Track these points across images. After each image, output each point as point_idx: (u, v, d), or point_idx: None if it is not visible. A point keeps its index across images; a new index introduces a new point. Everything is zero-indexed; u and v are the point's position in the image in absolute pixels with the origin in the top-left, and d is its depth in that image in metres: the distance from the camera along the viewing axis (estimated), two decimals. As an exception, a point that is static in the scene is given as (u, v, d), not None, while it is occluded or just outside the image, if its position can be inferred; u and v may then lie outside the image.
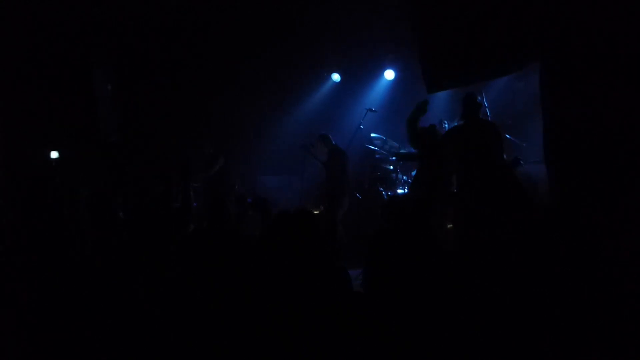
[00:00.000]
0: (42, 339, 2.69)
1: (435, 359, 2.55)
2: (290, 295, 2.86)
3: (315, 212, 8.85)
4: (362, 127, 9.57)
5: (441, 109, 10.22)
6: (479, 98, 6.53)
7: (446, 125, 9.05)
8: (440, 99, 10.21)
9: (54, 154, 7.80)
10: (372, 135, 9.95)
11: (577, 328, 2.38)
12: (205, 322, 2.58)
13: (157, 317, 2.68)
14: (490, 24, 4.59)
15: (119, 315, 2.72)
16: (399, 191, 9.45)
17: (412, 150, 9.81)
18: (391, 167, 9.93)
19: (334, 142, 9.11)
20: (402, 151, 9.91)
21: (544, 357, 2.38)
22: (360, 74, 11.10)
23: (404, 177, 9.62)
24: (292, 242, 3.29)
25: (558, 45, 4.34)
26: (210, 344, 2.54)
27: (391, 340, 2.60)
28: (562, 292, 2.46)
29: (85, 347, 2.65)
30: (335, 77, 11.09)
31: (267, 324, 2.66)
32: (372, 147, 10.07)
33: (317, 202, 9.33)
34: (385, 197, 9.46)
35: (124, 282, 2.85)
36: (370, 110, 9.64)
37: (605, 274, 2.50)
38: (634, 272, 2.67)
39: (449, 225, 6.94)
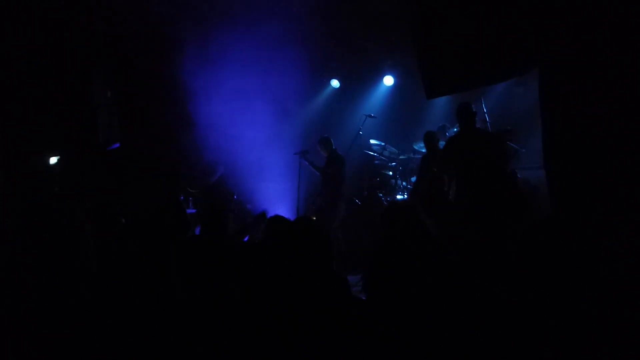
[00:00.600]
0: (43, 344, 2.69)
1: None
2: (290, 302, 2.86)
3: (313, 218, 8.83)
4: (361, 133, 9.58)
5: (440, 115, 10.25)
6: (473, 107, 6.57)
7: (448, 133, 9.05)
8: (440, 105, 10.24)
9: (54, 160, 7.80)
10: (371, 141, 9.96)
11: (577, 331, 2.38)
12: (206, 326, 2.58)
13: (156, 321, 2.68)
14: (490, 29, 4.60)
15: (121, 320, 2.72)
16: (398, 197, 9.46)
17: (412, 156, 9.85)
18: (390, 173, 9.94)
19: (334, 147, 9.07)
20: (401, 157, 9.94)
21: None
22: (360, 80, 11.13)
23: (403, 183, 9.62)
24: (292, 249, 3.29)
25: (557, 51, 4.35)
26: (210, 348, 2.53)
27: (393, 345, 2.59)
28: (562, 296, 2.46)
29: (85, 350, 2.65)
30: (335, 83, 11.12)
31: (267, 329, 2.65)
32: (371, 153, 10.08)
33: (313, 209, 9.31)
34: (384, 203, 9.46)
35: (126, 286, 2.85)
36: (370, 116, 9.66)
37: (605, 278, 2.51)
38: (634, 276, 2.67)
39: (448, 232, 6.95)
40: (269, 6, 9.06)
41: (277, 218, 4.83)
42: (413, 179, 9.19)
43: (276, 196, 10.03)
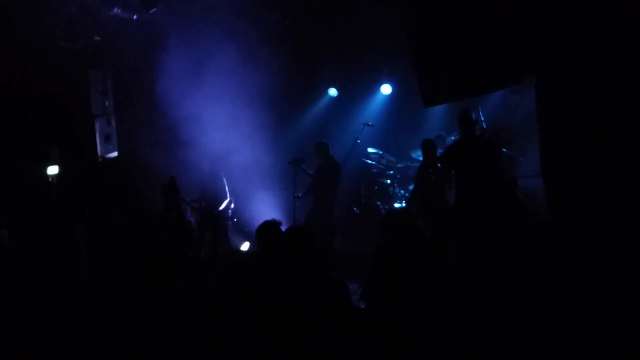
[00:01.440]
0: (42, 347, 2.70)
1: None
2: (291, 309, 2.86)
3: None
4: (359, 141, 9.60)
5: (438, 123, 10.29)
6: (474, 114, 6.61)
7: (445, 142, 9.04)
8: (437, 114, 10.28)
9: (52, 170, 7.79)
10: (369, 149, 9.98)
11: (577, 334, 2.39)
12: (208, 330, 2.58)
13: (154, 327, 2.68)
14: (486, 37, 4.62)
15: (121, 324, 2.73)
16: (396, 205, 9.47)
17: (410, 164, 9.88)
18: (388, 181, 9.95)
19: (330, 154, 9.01)
20: (399, 165, 9.96)
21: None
22: (357, 88, 11.17)
23: (401, 191, 9.64)
24: (286, 257, 3.30)
25: (554, 59, 4.37)
26: (211, 352, 2.54)
27: (392, 353, 2.60)
28: (561, 299, 2.47)
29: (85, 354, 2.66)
30: (332, 91, 11.15)
31: (268, 336, 2.65)
32: (369, 162, 10.10)
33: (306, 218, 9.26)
34: (382, 211, 9.47)
35: (124, 293, 2.86)
36: (367, 124, 9.68)
37: (602, 281, 2.52)
38: (631, 279, 2.69)
39: (447, 239, 6.96)
40: (266, 15, 9.10)
41: (268, 224, 4.75)
42: (411, 187, 9.20)
43: (273, 204, 10.04)
